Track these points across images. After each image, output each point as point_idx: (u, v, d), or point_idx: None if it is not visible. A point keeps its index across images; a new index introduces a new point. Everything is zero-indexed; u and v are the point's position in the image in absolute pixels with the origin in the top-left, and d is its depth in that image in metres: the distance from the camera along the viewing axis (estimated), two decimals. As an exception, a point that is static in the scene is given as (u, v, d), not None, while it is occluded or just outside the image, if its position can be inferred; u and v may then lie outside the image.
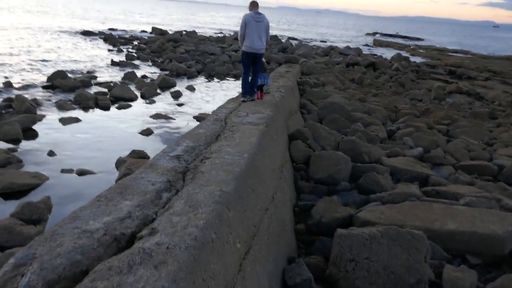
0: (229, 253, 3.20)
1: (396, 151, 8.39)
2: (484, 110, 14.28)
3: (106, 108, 12.01)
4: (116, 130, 10.16)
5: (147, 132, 10.02)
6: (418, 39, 77.52)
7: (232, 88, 16.97)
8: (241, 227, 3.66)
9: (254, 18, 7.86)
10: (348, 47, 32.17)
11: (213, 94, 15.27)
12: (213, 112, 7.07)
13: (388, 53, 36.25)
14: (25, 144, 8.67)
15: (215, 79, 18.46)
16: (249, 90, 8.40)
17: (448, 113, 12.21)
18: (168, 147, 4.73)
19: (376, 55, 32.22)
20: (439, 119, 11.72)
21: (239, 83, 18.16)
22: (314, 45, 37.25)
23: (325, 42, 50.07)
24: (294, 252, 5.13)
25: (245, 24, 7.83)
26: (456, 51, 46.21)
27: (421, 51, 43.26)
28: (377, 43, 52.83)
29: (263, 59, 8.58)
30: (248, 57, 8.10)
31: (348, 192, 6.60)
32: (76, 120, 10.49)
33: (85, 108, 11.71)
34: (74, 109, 11.48)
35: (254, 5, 8.06)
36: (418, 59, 32.75)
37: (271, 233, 4.53)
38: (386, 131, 10.06)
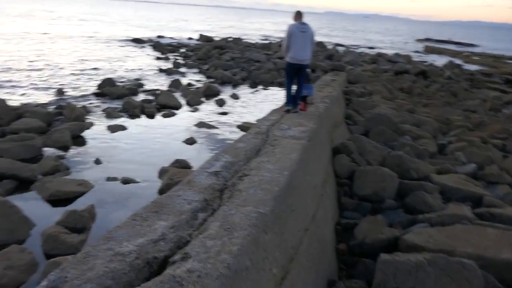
0: (264, 280, 3.06)
1: (447, 168, 7.98)
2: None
3: (151, 116, 12.22)
4: (161, 138, 10.28)
5: (190, 141, 10.08)
6: (472, 45, 74.50)
7: (276, 96, 16.85)
8: (278, 251, 3.52)
9: (299, 28, 7.70)
10: (397, 54, 31.33)
11: (257, 103, 15.23)
12: (256, 124, 6.97)
13: (440, 60, 35.00)
14: (73, 152, 8.93)
15: (260, 87, 18.43)
16: (292, 101, 8.27)
17: (505, 127, 11.52)
18: (207, 162, 4.66)
19: (426, 62, 31.17)
20: (494, 133, 11.08)
21: (283, 91, 18.11)
22: (362, 52, 36.54)
23: (373, 48, 49.06)
24: (335, 274, 4.93)
25: (289, 34, 7.70)
26: (514, 58, 44.00)
27: (475, 58, 41.47)
28: (429, 50, 51.16)
29: (308, 69, 8.42)
30: (293, 68, 7.95)
31: (393, 211, 6.32)
32: (123, 128, 10.71)
33: (132, 116, 11.95)
34: (121, 116, 11.74)
35: (298, 15, 7.91)
36: (472, 67, 31.38)
37: (310, 255, 4.36)
38: (437, 145, 9.60)
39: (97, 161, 8.38)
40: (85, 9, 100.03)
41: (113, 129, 10.51)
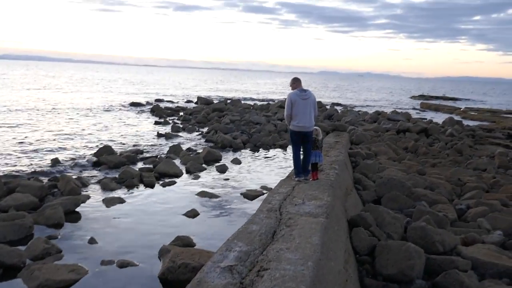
0: None
1: (473, 237, 7.32)
2: (560, 181, 12.86)
3: (150, 185, 11.65)
4: (160, 211, 9.65)
5: (192, 214, 9.44)
6: (466, 99, 75.61)
7: (279, 160, 16.43)
8: None
9: (300, 96, 7.60)
10: (395, 112, 31.38)
11: (260, 168, 14.73)
12: (266, 199, 6.40)
13: (437, 117, 35.08)
14: (66, 230, 8.27)
15: (261, 150, 18.03)
16: (302, 170, 7.90)
17: (522, 187, 10.96)
18: (219, 253, 4.05)
19: (425, 119, 31.15)
20: (512, 194, 10.50)
21: (285, 154, 17.79)
22: (360, 111, 36.71)
23: (370, 106, 49.53)
24: None
25: (291, 103, 7.57)
26: (511, 112, 44.25)
27: (472, 113, 41.68)
28: (425, 106, 51.63)
29: (321, 137, 8.17)
30: (298, 137, 7.80)
31: (425, 294, 5.59)
32: (120, 200, 10.11)
33: (130, 186, 11.37)
34: (118, 188, 11.16)
35: (297, 82, 7.82)
36: (471, 122, 31.35)
37: None
38: (456, 211, 8.99)
39: (92, 241, 7.69)
40: (76, 76, 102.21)
41: (109, 202, 9.90)
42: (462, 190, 11.18)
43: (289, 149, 18.66)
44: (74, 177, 11.34)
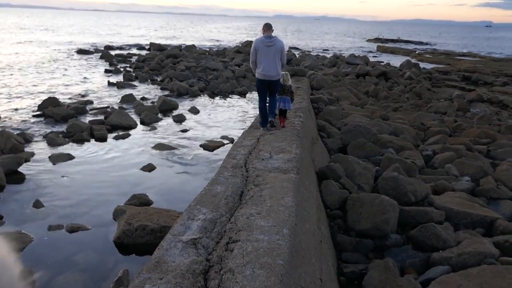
0: None
1: (443, 185, 7.14)
2: (519, 122, 13.03)
3: (102, 139, 10.79)
4: (114, 167, 8.91)
5: (149, 168, 8.79)
6: (421, 43, 76.40)
7: (238, 106, 15.78)
8: None
9: (265, 43, 7.22)
10: (353, 56, 31.00)
11: (219, 116, 14.05)
12: (229, 153, 5.81)
13: (394, 60, 35.08)
14: (8, 193, 7.43)
15: (219, 98, 17.26)
16: (267, 119, 7.55)
17: (484, 130, 10.93)
18: (180, 224, 3.47)
19: (383, 62, 31.03)
20: (476, 138, 10.45)
21: (245, 100, 17.10)
22: (318, 55, 36.10)
23: (328, 50, 49.00)
24: None
25: (255, 50, 7.25)
26: (464, 55, 45.02)
27: (428, 56, 42.00)
28: (381, 49, 51.65)
29: (290, 83, 7.93)
30: (263, 85, 7.44)
31: (400, 249, 5.32)
32: (69, 157, 9.26)
33: (79, 141, 10.48)
34: (66, 143, 10.25)
35: (265, 28, 7.39)
36: (427, 65, 31.54)
37: None
38: (423, 157, 8.79)
39: (37, 204, 6.94)
40: (25, 21, 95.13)
41: (57, 159, 9.03)
42: (426, 135, 11.05)
43: (249, 95, 18.06)
44: (15, 133, 10.28)
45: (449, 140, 10.31)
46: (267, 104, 7.61)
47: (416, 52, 46.29)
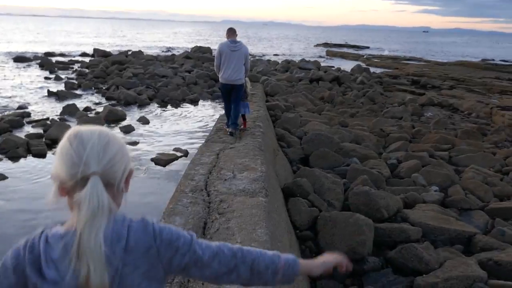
0: None
1: (414, 197, 6.78)
2: (473, 126, 13.12)
3: (40, 155, 9.71)
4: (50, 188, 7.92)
5: (94, 188, 7.87)
6: (366, 47, 78.38)
7: (191, 115, 15.02)
8: None
9: (230, 47, 7.33)
10: (305, 60, 30.97)
11: (170, 126, 13.23)
12: (186, 173, 5.09)
13: (344, 64, 35.37)
14: None
15: (170, 106, 16.40)
16: (234, 121, 7.63)
17: (443, 135, 10.82)
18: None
19: (334, 67, 31.20)
20: (436, 143, 10.29)
21: (197, 108, 16.36)
22: (269, 60, 35.85)
23: (278, 55, 49.01)
24: None
25: (219, 54, 7.33)
26: (409, 59, 46.34)
27: (376, 60, 42.85)
28: (331, 54, 52.29)
29: (246, 86, 7.95)
30: (226, 89, 7.57)
31: (379, 273, 4.83)
32: (2, 177, 8.18)
33: (14, 158, 9.37)
34: (-1, 160, 9.14)
35: (230, 33, 7.55)
36: (376, 69, 32.02)
37: None
38: (388, 166, 8.45)
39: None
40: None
41: (-15, 181, 7.94)
42: (386, 141, 10.81)
43: (201, 103, 17.34)
44: None
45: (410, 146, 10.09)
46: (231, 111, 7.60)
47: (364, 57, 47.18)
